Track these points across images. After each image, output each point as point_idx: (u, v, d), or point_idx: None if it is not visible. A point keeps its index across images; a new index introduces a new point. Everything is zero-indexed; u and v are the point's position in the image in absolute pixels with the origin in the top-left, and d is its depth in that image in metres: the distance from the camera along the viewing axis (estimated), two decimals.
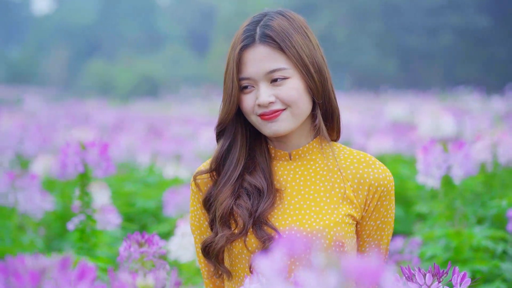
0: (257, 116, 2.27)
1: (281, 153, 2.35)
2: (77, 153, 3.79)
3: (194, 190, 2.40)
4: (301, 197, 2.30)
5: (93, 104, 17.91)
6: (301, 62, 2.24)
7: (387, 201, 2.30)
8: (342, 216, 2.25)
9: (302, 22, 2.31)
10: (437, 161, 4.10)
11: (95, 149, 3.79)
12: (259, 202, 2.27)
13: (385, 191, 2.29)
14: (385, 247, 2.36)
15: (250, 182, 2.30)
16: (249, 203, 2.27)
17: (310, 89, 2.27)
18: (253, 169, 2.33)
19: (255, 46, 2.26)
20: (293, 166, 2.34)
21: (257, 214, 2.24)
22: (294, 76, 2.25)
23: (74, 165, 3.78)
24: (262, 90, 2.24)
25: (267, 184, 2.29)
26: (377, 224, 2.31)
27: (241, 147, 2.34)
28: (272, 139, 2.37)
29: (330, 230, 2.22)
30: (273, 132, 2.27)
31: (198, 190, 2.39)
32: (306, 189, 2.30)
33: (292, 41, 2.25)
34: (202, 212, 2.40)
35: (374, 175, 2.28)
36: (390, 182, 2.30)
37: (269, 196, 2.27)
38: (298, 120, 2.28)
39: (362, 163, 2.30)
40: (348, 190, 2.28)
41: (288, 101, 2.25)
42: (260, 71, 2.24)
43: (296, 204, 2.29)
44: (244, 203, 2.27)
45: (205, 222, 2.40)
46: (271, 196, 2.28)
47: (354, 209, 2.27)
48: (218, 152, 2.34)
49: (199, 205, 2.40)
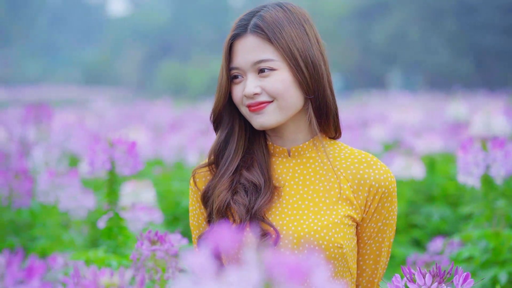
0: (246, 107, 2.23)
1: (280, 149, 2.30)
2: (105, 150, 3.78)
3: (192, 189, 2.37)
4: (299, 196, 2.24)
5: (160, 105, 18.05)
6: (290, 55, 2.19)
7: (389, 202, 2.23)
8: (341, 217, 2.18)
9: (301, 15, 2.25)
10: (476, 159, 3.97)
11: (122, 146, 3.78)
12: (256, 198, 2.22)
13: (386, 193, 2.22)
14: (386, 250, 2.29)
15: (247, 178, 2.25)
16: (246, 199, 2.22)
17: (300, 83, 2.20)
18: (251, 164, 2.29)
19: (246, 36, 2.22)
20: (292, 164, 2.29)
21: (253, 210, 2.20)
22: (282, 69, 2.19)
23: (101, 163, 3.78)
24: (249, 81, 2.21)
25: (264, 180, 2.25)
26: (378, 226, 2.24)
27: (239, 139, 2.30)
28: (270, 134, 2.33)
29: (328, 231, 2.16)
30: (259, 124, 2.22)
31: (197, 189, 2.35)
32: (305, 189, 2.25)
33: (282, 33, 2.19)
34: (201, 211, 2.36)
35: (375, 176, 2.21)
36: (391, 183, 2.22)
37: (266, 193, 2.23)
38: (286, 114, 2.22)
39: (363, 163, 2.23)
40: (347, 191, 2.21)
41: (274, 93, 2.19)
42: (248, 61, 2.21)
43: (295, 203, 2.23)
44: (241, 199, 2.23)
45: (204, 221, 2.36)
46: (268, 192, 2.23)
47: (354, 210, 2.20)
48: (215, 143, 2.32)
49: (197, 204, 2.36)
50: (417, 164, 5.76)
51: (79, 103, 22.70)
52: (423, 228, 5.94)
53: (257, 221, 2.20)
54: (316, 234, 2.15)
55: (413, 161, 5.77)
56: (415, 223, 5.96)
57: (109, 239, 3.77)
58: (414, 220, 5.95)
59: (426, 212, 6.01)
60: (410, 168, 5.76)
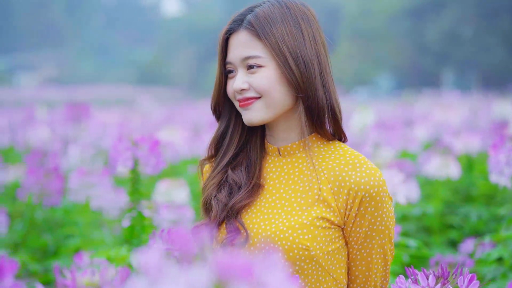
0: (237, 101, 2.22)
1: (272, 148, 2.28)
2: (128, 149, 3.77)
3: (200, 178, 2.41)
4: (278, 195, 2.21)
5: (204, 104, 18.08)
6: (279, 52, 2.15)
7: (373, 207, 2.13)
8: (312, 218, 2.12)
9: (299, 13, 2.21)
10: (508, 159, 3.88)
11: (145, 145, 3.77)
12: (233, 197, 2.23)
13: (367, 197, 2.12)
14: (381, 257, 2.19)
15: (230, 176, 2.26)
16: (227, 197, 2.22)
17: (289, 81, 2.16)
18: (240, 162, 2.28)
19: (240, 31, 2.21)
20: (282, 163, 2.26)
21: (227, 208, 2.20)
22: (269, 65, 2.16)
23: (124, 161, 3.77)
24: (238, 76, 2.19)
25: (246, 179, 2.24)
26: (365, 232, 2.15)
27: (234, 134, 2.30)
28: (267, 133, 2.30)
29: (293, 232, 2.11)
30: (246, 120, 2.20)
31: (201, 179, 2.39)
32: (286, 188, 2.21)
33: (273, 30, 2.16)
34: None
35: (356, 178, 2.13)
36: (374, 187, 2.12)
37: (244, 191, 2.21)
38: (273, 111, 2.18)
39: (348, 165, 2.15)
40: (326, 193, 2.14)
41: (259, 90, 2.16)
42: (238, 56, 2.19)
43: (272, 202, 2.20)
44: (222, 197, 2.23)
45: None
46: (245, 191, 2.21)
47: (332, 213, 2.13)
48: (213, 137, 2.33)
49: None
50: (453, 164, 5.65)
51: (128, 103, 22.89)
52: (460, 229, 5.83)
53: (231, 218, 2.19)
54: (280, 234, 2.11)
55: (449, 161, 5.66)
56: (452, 223, 5.86)
57: (131, 238, 3.77)
58: (450, 221, 5.84)
59: (464, 213, 5.90)
60: (446, 167, 5.65)
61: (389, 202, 2.15)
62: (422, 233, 5.73)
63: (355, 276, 2.20)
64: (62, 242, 5.39)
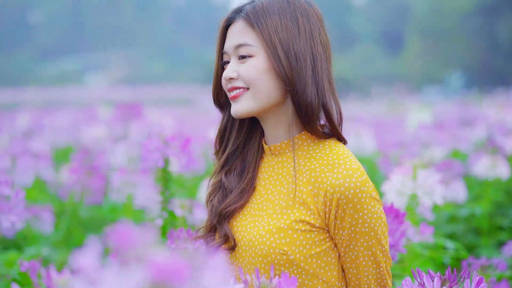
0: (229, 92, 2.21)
1: (266, 147, 2.26)
2: (158, 147, 3.76)
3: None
4: (266, 197, 2.18)
5: None
6: (269, 42, 2.12)
7: (352, 209, 2.05)
8: (291, 222, 2.07)
9: (300, 7, 2.18)
10: None
11: (176, 143, 3.76)
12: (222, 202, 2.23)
13: (344, 199, 2.04)
14: (371, 259, 2.11)
15: (224, 182, 2.26)
16: (220, 202, 2.22)
17: (277, 73, 2.12)
18: (235, 167, 2.27)
19: (237, 21, 2.20)
20: (273, 163, 2.23)
21: (218, 211, 2.20)
22: (259, 55, 2.14)
23: (154, 160, 3.77)
24: (229, 64, 2.18)
25: (238, 183, 2.23)
26: (348, 234, 2.08)
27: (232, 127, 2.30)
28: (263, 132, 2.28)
29: (270, 237, 2.07)
30: (233, 112, 2.18)
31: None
32: (273, 189, 2.18)
33: (267, 20, 2.14)
34: None
35: (331, 180, 2.06)
36: (350, 189, 2.04)
37: (232, 196, 2.20)
38: (260, 103, 2.15)
39: (328, 166, 2.09)
40: (306, 195, 2.09)
41: (246, 79, 2.14)
42: (231, 44, 2.18)
43: (260, 204, 2.18)
44: (216, 202, 2.23)
45: None
46: (234, 195, 2.20)
47: (312, 215, 2.07)
48: (217, 130, 2.33)
49: None
50: (502, 164, 5.51)
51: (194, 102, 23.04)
52: (510, 231, 5.68)
53: (222, 223, 2.19)
54: (260, 238, 2.08)
55: (498, 161, 5.52)
56: (502, 225, 5.71)
57: (163, 237, 3.76)
58: (500, 222, 5.70)
59: None
60: (495, 167, 5.52)
61: (371, 203, 2.07)
62: (470, 234, 5.61)
63: (348, 278, 2.14)
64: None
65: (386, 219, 2.14)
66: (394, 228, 2.90)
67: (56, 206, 5.70)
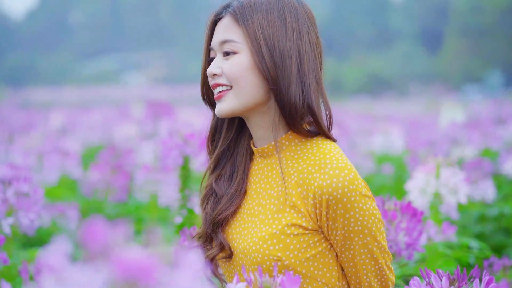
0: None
1: (254, 149, 2.19)
2: (178, 145, 3.74)
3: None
4: (257, 201, 2.12)
5: None
6: (254, 39, 2.06)
7: (342, 209, 1.99)
8: (282, 226, 2.02)
9: (289, 6, 2.12)
10: None
11: (195, 141, 3.73)
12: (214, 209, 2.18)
13: (332, 199, 1.98)
14: (368, 258, 2.06)
15: (214, 188, 2.20)
16: (213, 209, 2.17)
17: (260, 71, 2.06)
18: (225, 172, 2.21)
19: (224, 16, 2.15)
20: (263, 165, 2.17)
21: (211, 219, 2.15)
22: (243, 52, 2.08)
23: (173, 158, 3.75)
24: (214, 61, 2.13)
25: (228, 187, 2.17)
26: (342, 234, 2.02)
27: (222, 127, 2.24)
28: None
29: (263, 243, 2.02)
30: (217, 112, 2.12)
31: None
32: (263, 193, 2.12)
33: (253, 16, 2.08)
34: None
35: (319, 181, 2.00)
36: (338, 188, 1.98)
37: (222, 202, 2.15)
38: (243, 102, 2.09)
39: (315, 166, 2.03)
40: (295, 197, 2.03)
41: (229, 76, 2.08)
42: (217, 40, 2.13)
43: (251, 209, 2.12)
44: (209, 209, 2.18)
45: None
46: (224, 201, 2.15)
47: (304, 218, 2.01)
48: (208, 130, 2.27)
49: None
50: None
51: None
52: None
53: (216, 231, 2.14)
54: (253, 246, 2.03)
55: None
56: None
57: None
58: None
59: None
60: None
61: (362, 201, 2.01)
62: (500, 234, 5.52)
63: (348, 277, 2.09)
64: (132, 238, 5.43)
65: (380, 215, 2.06)
66: (411, 227, 2.84)
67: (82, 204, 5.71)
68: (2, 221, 3.32)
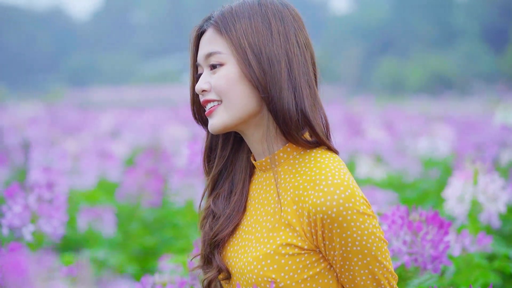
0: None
1: (254, 163, 2.10)
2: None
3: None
4: (255, 218, 2.03)
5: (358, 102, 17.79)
6: (239, 47, 1.97)
7: (338, 229, 1.87)
8: (277, 246, 1.91)
9: (273, 9, 2.03)
10: None
11: None
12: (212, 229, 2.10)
13: (327, 218, 1.87)
14: (366, 278, 1.93)
15: (212, 208, 2.12)
16: (211, 230, 2.09)
17: (250, 80, 1.96)
18: (224, 189, 2.13)
19: (207, 29, 2.07)
20: (262, 179, 2.07)
21: (209, 240, 2.08)
22: (230, 63, 1.99)
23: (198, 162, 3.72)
24: (202, 76, 2.04)
25: (226, 207, 2.09)
26: (340, 254, 1.90)
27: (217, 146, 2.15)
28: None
29: (258, 264, 1.92)
30: (209, 128, 2.04)
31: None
32: (261, 209, 2.02)
33: (236, 25, 1.99)
34: None
35: (313, 199, 1.89)
36: (332, 207, 1.87)
37: (220, 222, 2.06)
38: (234, 115, 1.99)
39: (310, 183, 1.92)
40: (291, 215, 1.93)
41: (218, 90, 1.99)
42: (202, 54, 2.05)
43: (249, 226, 2.03)
44: (207, 229, 2.10)
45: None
46: (221, 221, 2.06)
47: (299, 237, 1.91)
48: (203, 150, 2.19)
49: None
50: None
51: None
52: None
53: (214, 252, 2.06)
54: (248, 266, 1.94)
55: None
56: None
57: None
58: None
59: None
60: None
61: (359, 219, 1.88)
62: None
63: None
64: (167, 243, 5.37)
65: (382, 233, 1.93)
66: (438, 239, 2.70)
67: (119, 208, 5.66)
68: (23, 229, 3.27)
